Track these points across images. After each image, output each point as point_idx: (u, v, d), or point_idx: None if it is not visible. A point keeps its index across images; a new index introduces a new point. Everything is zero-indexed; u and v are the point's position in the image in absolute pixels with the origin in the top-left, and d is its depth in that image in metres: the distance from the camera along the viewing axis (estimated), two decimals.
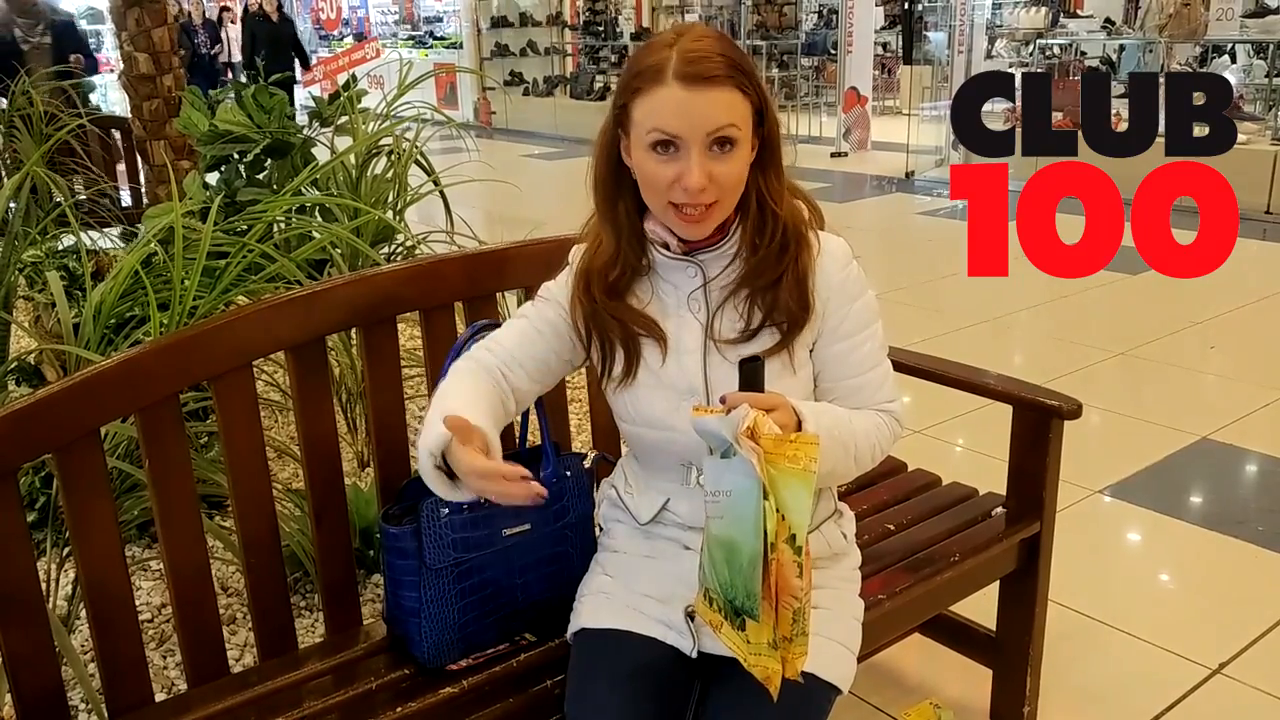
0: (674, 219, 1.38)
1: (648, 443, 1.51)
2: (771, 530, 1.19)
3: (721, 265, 1.45)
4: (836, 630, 1.48)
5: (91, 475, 1.48)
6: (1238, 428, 3.75)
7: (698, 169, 1.32)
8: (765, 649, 1.25)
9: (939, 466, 2.28)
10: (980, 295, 5.50)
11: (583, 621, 1.51)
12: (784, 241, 1.42)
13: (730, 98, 1.33)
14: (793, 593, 1.21)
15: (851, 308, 1.47)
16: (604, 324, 1.47)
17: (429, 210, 4.14)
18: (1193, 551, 2.99)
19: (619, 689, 1.39)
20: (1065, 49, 9.92)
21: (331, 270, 2.96)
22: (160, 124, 4.27)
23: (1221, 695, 2.33)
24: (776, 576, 1.21)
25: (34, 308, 3.45)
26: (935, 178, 8.89)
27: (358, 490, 2.38)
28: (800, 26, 13.57)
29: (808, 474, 1.18)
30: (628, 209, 1.45)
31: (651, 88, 1.32)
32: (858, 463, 1.44)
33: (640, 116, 1.34)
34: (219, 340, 1.58)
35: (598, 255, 1.47)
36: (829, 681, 1.42)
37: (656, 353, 1.46)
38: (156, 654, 2.19)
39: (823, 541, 1.55)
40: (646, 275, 1.48)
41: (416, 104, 3.99)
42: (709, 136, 1.32)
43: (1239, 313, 5.13)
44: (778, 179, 1.44)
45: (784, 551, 1.20)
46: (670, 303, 1.47)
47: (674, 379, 1.45)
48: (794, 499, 1.18)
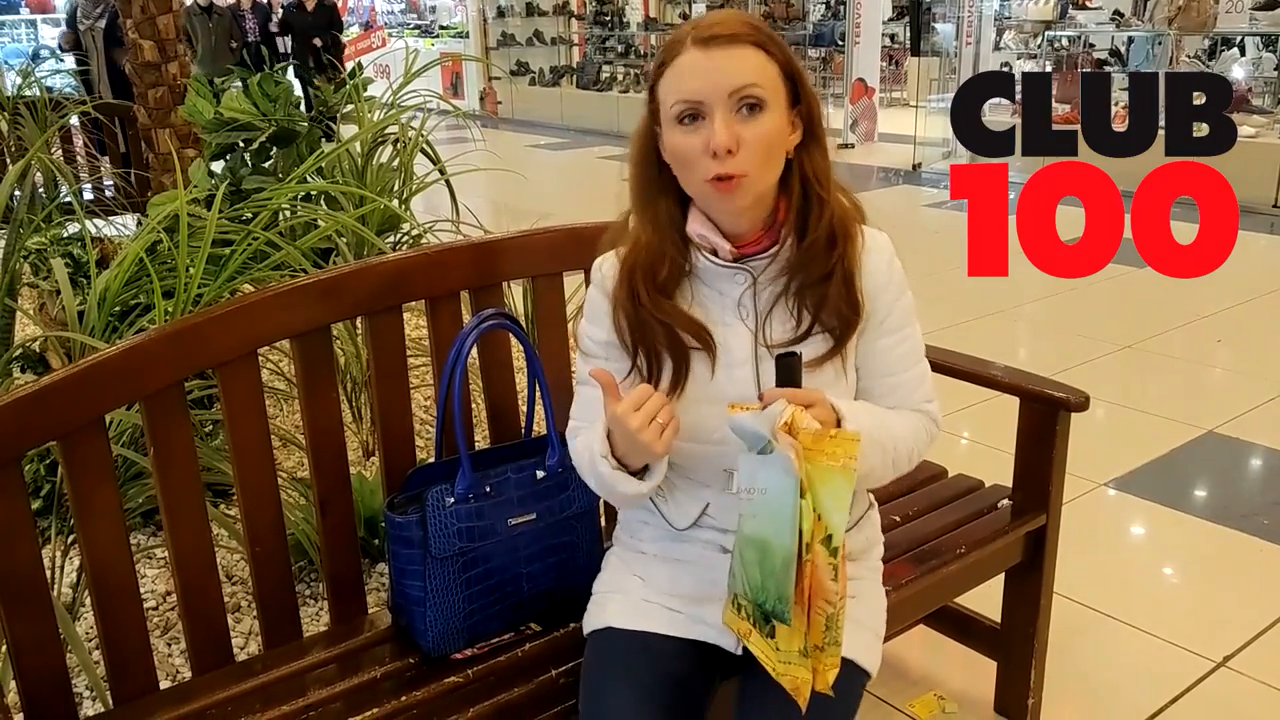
0: (713, 197, 1.33)
1: (695, 456, 1.43)
2: (807, 530, 1.15)
3: (768, 264, 1.39)
4: (868, 617, 1.49)
5: (96, 463, 1.48)
6: (1243, 421, 3.74)
7: (722, 127, 1.27)
8: (796, 657, 1.21)
9: (945, 458, 2.27)
10: (986, 288, 5.47)
11: (609, 619, 1.47)
12: (832, 232, 1.36)
13: (750, 55, 1.29)
14: (826, 597, 1.17)
15: (896, 304, 1.43)
16: (650, 332, 1.39)
17: (434, 199, 4.13)
18: (1198, 545, 2.98)
19: (638, 690, 1.37)
20: (1074, 41, 9.88)
21: (337, 259, 2.96)
22: (165, 112, 4.26)
23: (1226, 688, 2.33)
24: (810, 579, 1.17)
25: (39, 295, 3.45)
26: (942, 170, 8.87)
27: (363, 479, 2.37)
28: (808, 18, 13.52)
29: (848, 471, 1.14)
30: (669, 206, 1.39)
31: (673, 59, 1.31)
32: (895, 465, 1.40)
33: (665, 92, 1.32)
34: (224, 328, 1.57)
35: (643, 254, 1.39)
36: (863, 667, 1.43)
37: (705, 364, 1.39)
38: (161, 642, 2.19)
39: (861, 537, 1.54)
40: (688, 280, 1.42)
41: (422, 93, 3.98)
42: (732, 97, 1.28)
43: (1246, 307, 5.11)
44: (822, 158, 1.38)
45: (819, 553, 1.16)
46: (715, 310, 1.40)
47: (725, 392, 1.36)
48: (832, 498, 1.15)
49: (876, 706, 2.25)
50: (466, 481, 1.58)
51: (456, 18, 16.37)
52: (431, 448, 1.73)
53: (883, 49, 11.69)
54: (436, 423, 1.70)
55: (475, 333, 1.65)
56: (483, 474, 1.60)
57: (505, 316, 1.71)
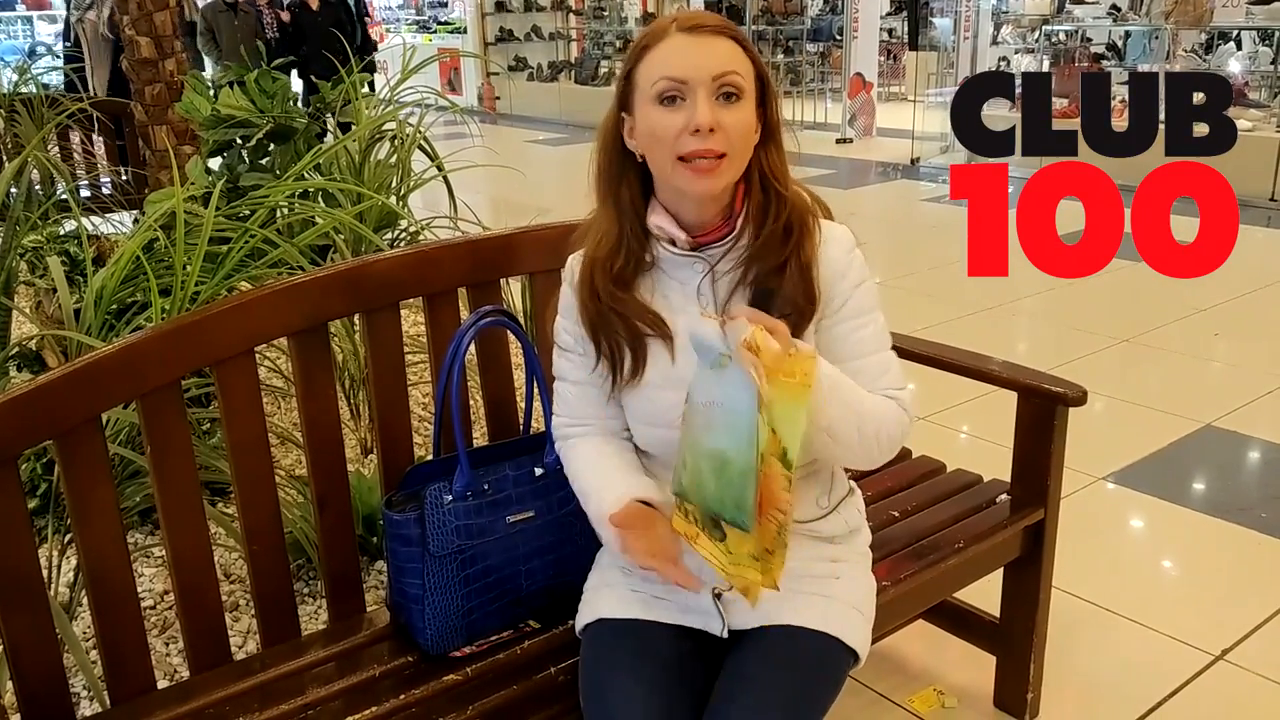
0: (684, 176, 1.36)
1: (660, 443, 1.48)
2: (764, 443, 1.19)
3: (725, 253, 1.44)
4: (854, 597, 1.49)
5: (93, 461, 1.48)
6: (1242, 414, 3.74)
7: (705, 107, 1.33)
8: (746, 559, 1.26)
9: (944, 453, 2.27)
10: (985, 282, 5.46)
11: (600, 612, 1.49)
12: (789, 224, 1.42)
13: (734, 49, 1.37)
14: (779, 506, 1.22)
15: (855, 291, 1.46)
16: (609, 324, 1.45)
17: (432, 196, 4.12)
18: (1196, 538, 2.98)
19: (640, 678, 1.38)
20: (1071, 36, 9.88)
21: (334, 256, 2.95)
22: (162, 108, 4.24)
23: (1224, 682, 2.33)
24: (764, 489, 1.21)
25: (35, 293, 3.45)
26: (940, 164, 8.86)
27: (361, 477, 2.37)
28: (806, 12, 13.51)
29: (804, 389, 1.18)
30: (631, 195, 1.44)
31: (656, 43, 1.37)
32: (862, 436, 1.39)
33: (646, 72, 1.37)
34: (221, 326, 1.57)
35: (601, 245, 1.46)
36: (848, 645, 1.43)
37: (665, 352, 1.44)
38: (159, 641, 2.19)
39: (840, 521, 1.54)
40: (650, 272, 1.47)
41: (420, 89, 3.97)
42: (715, 81, 1.34)
43: (1244, 300, 5.11)
44: (781, 160, 1.44)
45: (774, 465, 1.20)
46: (676, 300, 1.45)
47: (683, 378, 1.38)
48: (788, 414, 1.19)
49: (876, 702, 2.26)
50: (465, 479, 1.58)
51: (454, 13, 16.35)
52: (429, 445, 1.73)
53: (881, 44, 11.66)
54: (434, 420, 1.70)
55: (473, 330, 1.65)
56: (481, 471, 1.60)
57: (503, 313, 1.71)
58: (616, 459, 1.51)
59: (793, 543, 1.46)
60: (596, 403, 1.53)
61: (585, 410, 1.54)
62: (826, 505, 1.52)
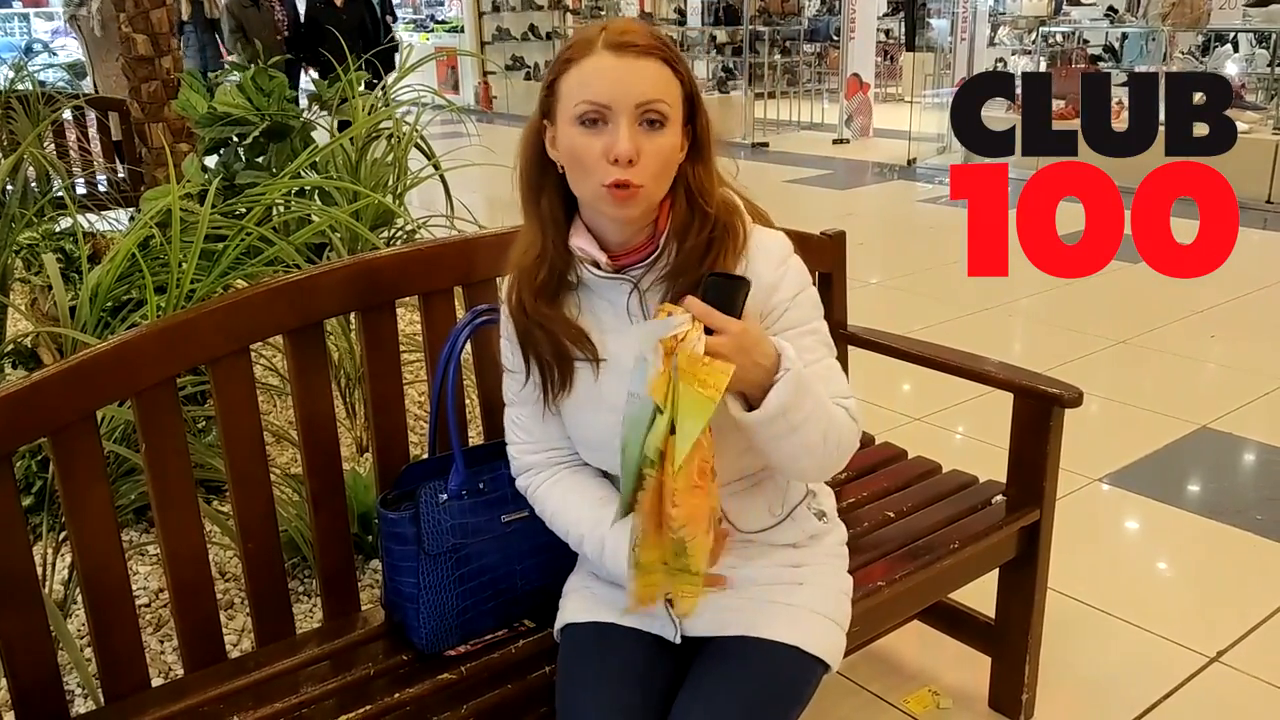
0: (605, 200, 1.32)
1: (605, 466, 1.47)
2: (654, 447, 1.17)
3: (648, 270, 1.40)
4: (821, 604, 1.47)
5: (88, 459, 1.47)
6: (1237, 416, 3.75)
7: (627, 136, 1.28)
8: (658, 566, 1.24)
9: (939, 454, 2.27)
10: (981, 283, 5.47)
11: (568, 617, 1.51)
12: (710, 239, 1.37)
13: (660, 72, 1.31)
14: (666, 521, 1.20)
15: (792, 302, 1.40)
16: (535, 338, 1.42)
17: (429, 194, 4.12)
18: (1191, 540, 2.99)
19: (605, 681, 1.39)
20: (1068, 37, 9.89)
21: (330, 254, 2.95)
22: (159, 106, 4.24)
23: (1219, 683, 2.33)
24: (655, 495, 1.19)
25: (30, 290, 3.44)
26: (937, 165, 8.87)
27: (356, 475, 2.37)
28: (803, 12, 13.53)
29: (708, 401, 1.15)
30: (551, 204, 1.41)
31: (581, 58, 1.31)
32: (825, 441, 1.34)
33: (568, 89, 1.32)
34: (217, 324, 1.57)
35: (526, 255, 1.43)
36: (813, 654, 1.41)
37: (590, 372, 1.42)
38: (153, 639, 2.19)
39: (796, 529, 1.51)
40: (576, 290, 1.43)
41: (417, 87, 3.97)
42: (638, 109, 1.29)
43: (1239, 302, 5.12)
44: (707, 174, 1.39)
45: (667, 471, 1.18)
46: (606, 318, 1.42)
47: (614, 399, 1.32)
48: (688, 424, 1.16)
49: (871, 703, 2.26)
50: (460, 478, 1.57)
51: (451, 12, 16.34)
52: (424, 444, 1.73)
53: (878, 44, 11.69)
54: (430, 419, 1.70)
55: (469, 329, 1.64)
56: (476, 470, 1.59)
57: (499, 312, 1.70)
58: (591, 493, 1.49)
59: (750, 552, 1.47)
60: (547, 426, 1.51)
61: (538, 433, 1.52)
62: (780, 513, 1.49)
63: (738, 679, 1.36)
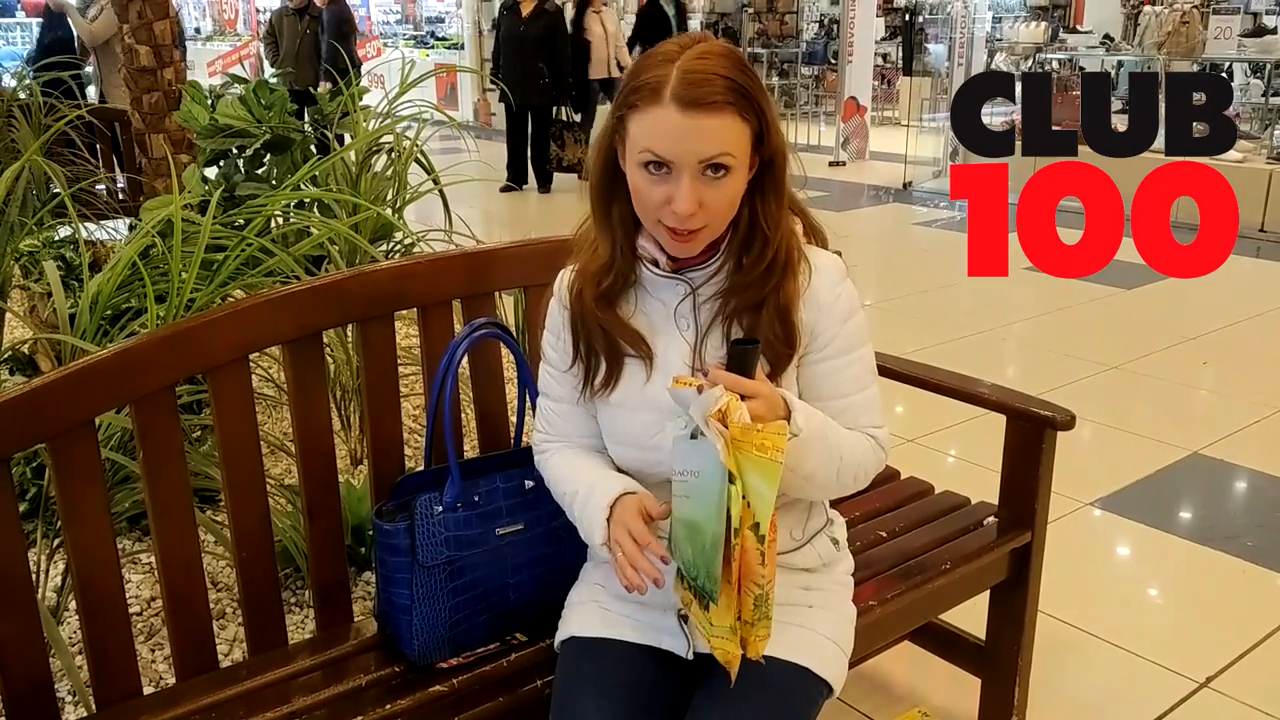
0: (664, 235, 1.36)
1: (632, 464, 1.48)
2: (736, 515, 1.19)
3: (707, 277, 1.42)
4: (829, 628, 1.48)
5: (84, 466, 1.48)
6: (1229, 443, 3.76)
7: (688, 195, 1.28)
8: (726, 632, 1.26)
9: (932, 475, 2.28)
10: (975, 306, 5.52)
11: (572, 629, 1.50)
12: (771, 265, 1.38)
13: (728, 124, 1.28)
14: (755, 580, 1.22)
15: (842, 328, 1.43)
16: (591, 332, 1.44)
17: (428, 209, 4.14)
18: (1182, 565, 3.00)
19: (607, 698, 1.39)
20: (1064, 64, 9.95)
21: (329, 266, 2.96)
22: (160, 117, 4.26)
23: (1209, 709, 2.34)
24: (740, 562, 1.22)
25: (30, 297, 3.45)
26: (933, 189, 8.91)
27: (351, 487, 2.37)
28: (801, 35, 13.61)
29: (774, 464, 1.18)
30: (622, 214, 1.42)
31: (648, 106, 1.28)
32: (840, 477, 1.40)
33: (635, 133, 1.31)
34: (216, 333, 1.58)
35: (594, 259, 1.45)
36: (821, 676, 1.43)
37: (641, 371, 1.43)
38: (145, 647, 2.18)
39: (814, 554, 1.53)
40: (634, 288, 1.46)
41: (417, 103, 3.99)
42: (702, 163, 1.29)
43: (1232, 329, 5.15)
44: (776, 203, 1.39)
45: (748, 538, 1.21)
46: (657, 319, 1.44)
47: (658, 399, 1.38)
48: (760, 487, 1.19)
49: None
50: (455, 490, 1.58)
51: (451, 29, 16.40)
52: (420, 456, 1.73)
53: (875, 68, 11.76)
54: (426, 431, 1.70)
55: (467, 342, 1.65)
56: (471, 483, 1.60)
57: (497, 326, 1.72)
58: (596, 462, 1.51)
59: None
60: (576, 421, 1.53)
61: (565, 428, 1.54)
62: (800, 537, 1.51)
63: (750, 694, 1.36)
